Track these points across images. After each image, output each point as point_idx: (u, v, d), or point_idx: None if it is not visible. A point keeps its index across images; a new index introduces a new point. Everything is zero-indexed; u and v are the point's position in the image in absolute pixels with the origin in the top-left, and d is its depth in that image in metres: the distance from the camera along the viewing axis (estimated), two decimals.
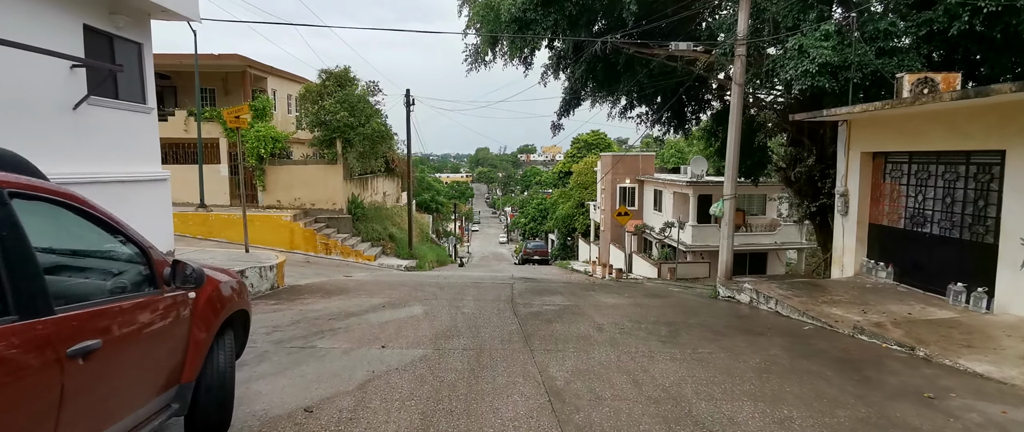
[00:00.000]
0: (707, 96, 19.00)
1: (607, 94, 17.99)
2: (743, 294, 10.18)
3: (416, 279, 13.51)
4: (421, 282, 12.39)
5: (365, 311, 8.14)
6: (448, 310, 8.38)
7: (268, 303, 8.56)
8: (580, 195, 43.93)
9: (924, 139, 8.75)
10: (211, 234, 19.61)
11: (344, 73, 22.19)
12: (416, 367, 5.33)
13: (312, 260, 19.07)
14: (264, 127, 21.33)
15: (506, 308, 8.74)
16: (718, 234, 25.24)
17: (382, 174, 27.99)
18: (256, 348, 5.81)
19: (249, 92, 23.03)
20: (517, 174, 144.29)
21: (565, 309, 8.82)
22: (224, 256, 10.85)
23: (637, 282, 18.73)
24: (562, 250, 46.63)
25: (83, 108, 8.10)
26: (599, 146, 55.70)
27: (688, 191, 25.11)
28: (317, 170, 21.74)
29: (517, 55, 14.64)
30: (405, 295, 9.84)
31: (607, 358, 5.80)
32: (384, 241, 22.73)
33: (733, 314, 8.90)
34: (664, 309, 9.18)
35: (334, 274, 14.74)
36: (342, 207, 21.79)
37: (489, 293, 10.53)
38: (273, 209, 21.40)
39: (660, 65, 15.01)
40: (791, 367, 5.61)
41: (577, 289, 12.34)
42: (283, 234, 19.88)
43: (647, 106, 18.82)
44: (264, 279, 9.58)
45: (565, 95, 17.92)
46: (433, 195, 60.93)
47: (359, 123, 21.59)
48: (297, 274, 13.65)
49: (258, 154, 20.99)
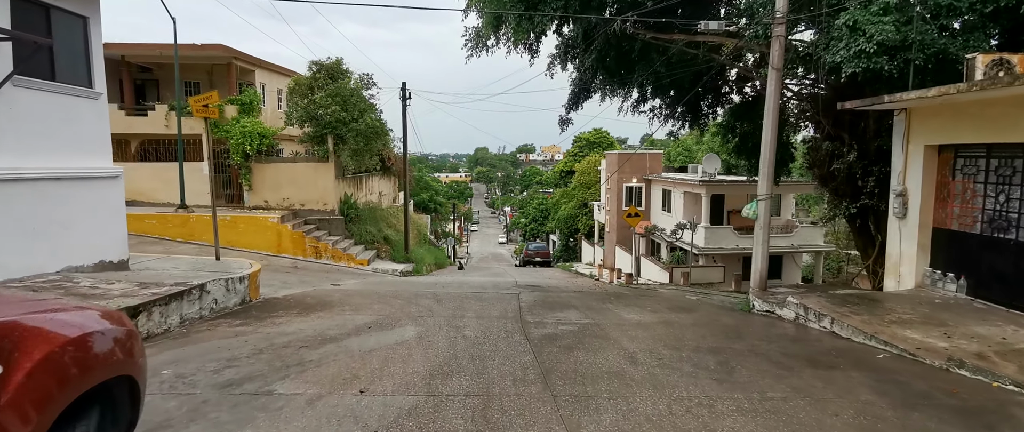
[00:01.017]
0: (725, 89, 17.63)
1: (618, 86, 16.59)
2: (785, 309, 8.82)
3: (411, 288, 12.14)
4: (417, 292, 11.02)
5: (347, 334, 6.76)
6: (446, 332, 7.01)
7: (232, 324, 7.18)
8: (583, 195, 42.56)
9: (1010, 129, 7.39)
10: (192, 236, 18.22)
11: (336, 65, 20.79)
12: (402, 427, 3.96)
13: (300, 265, 17.69)
14: (250, 122, 19.94)
15: (515, 329, 7.37)
16: (734, 237, 24.03)
17: (378, 173, 26.61)
18: (193, 397, 4.43)
19: (235, 85, 21.63)
20: (516, 174, 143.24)
21: (585, 330, 7.45)
22: (189, 264, 9.46)
23: (651, 289, 17.37)
24: (564, 251, 45.27)
25: (7, 90, 6.72)
26: (602, 145, 54.26)
27: (700, 191, 23.74)
28: (307, 168, 20.36)
29: (522, 40, 13.25)
30: (397, 311, 8.47)
31: (655, 410, 4.42)
32: (378, 244, 21.35)
33: (783, 336, 7.53)
34: (699, 329, 7.81)
35: (321, 282, 13.36)
36: (334, 208, 20.41)
37: (493, 307, 9.17)
38: (260, 210, 20.01)
39: (679, 53, 13.61)
40: (902, 424, 4.24)
41: (591, 300, 10.98)
42: (269, 237, 18.49)
43: (660, 99, 17.43)
44: (232, 293, 8.20)
45: (573, 87, 16.55)
46: (431, 195, 59.62)
47: (352, 118, 20.21)
48: (278, 283, 12.27)
49: (243, 151, 19.60)
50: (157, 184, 19.85)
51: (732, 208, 25.62)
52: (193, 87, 23.71)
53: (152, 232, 18.15)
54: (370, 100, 21.29)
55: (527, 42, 14.10)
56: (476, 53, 12.93)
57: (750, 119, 16.68)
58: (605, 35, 13.28)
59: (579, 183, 43.62)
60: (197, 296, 7.17)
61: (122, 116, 20.56)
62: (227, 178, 20.79)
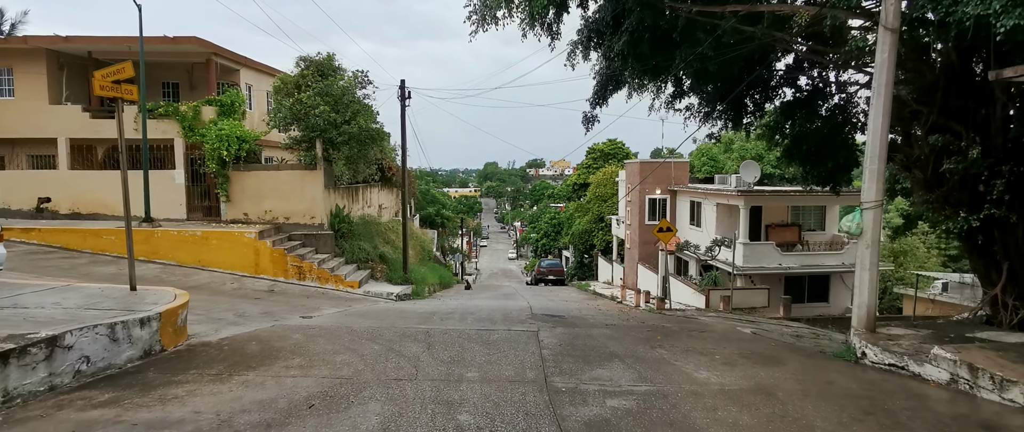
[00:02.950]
0: (772, 82, 14.96)
1: (652, 77, 13.98)
2: (928, 365, 6.09)
3: (401, 322, 9.52)
4: (404, 330, 8.41)
5: (265, 426, 4.16)
6: (429, 418, 4.38)
7: (91, 402, 4.56)
8: (599, 208, 39.88)
9: None
10: (155, 254, 15.78)
11: (327, 61, 18.41)
12: None
13: (278, 288, 15.14)
14: (228, 124, 17.56)
15: (539, 407, 4.72)
16: (776, 254, 20.86)
17: (377, 184, 24.15)
18: None
19: (214, 84, 19.30)
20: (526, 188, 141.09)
21: (648, 408, 4.78)
22: (86, 297, 6.89)
23: (692, 318, 14.63)
24: (579, 269, 42.50)
25: None
26: (617, 156, 51.62)
27: (737, 202, 21.00)
28: (292, 177, 17.89)
29: (539, 14, 10.71)
30: (365, 368, 5.86)
31: None
32: (373, 262, 18.78)
33: (963, 421, 4.82)
34: (820, 406, 5.10)
35: (290, 313, 10.77)
36: (322, 221, 17.91)
37: (505, 358, 6.53)
38: (239, 223, 17.56)
39: (733, 31, 10.99)
40: None
41: (633, 341, 8.30)
42: (245, 255, 16.00)
43: (700, 94, 14.77)
44: (124, 343, 5.61)
45: (599, 78, 13.98)
46: (438, 208, 57.19)
47: (344, 120, 17.79)
48: (232, 315, 9.69)
49: (220, 157, 17.18)
50: (119, 195, 17.42)
51: (771, 222, 22.85)
52: (172, 88, 21.45)
53: (110, 250, 15.72)
54: (365, 101, 18.86)
55: (544, 20, 11.58)
56: (482, 26, 10.40)
57: (806, 117, 13.99)
58: (640, 8, 10.74)
59: (594, 196, 40.97)
60: (42, 357, 4.59)
61: (86, 119, 18.30)
62: (205, 188, 18.40)
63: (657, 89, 14.49)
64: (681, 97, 14.90)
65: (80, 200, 17.88)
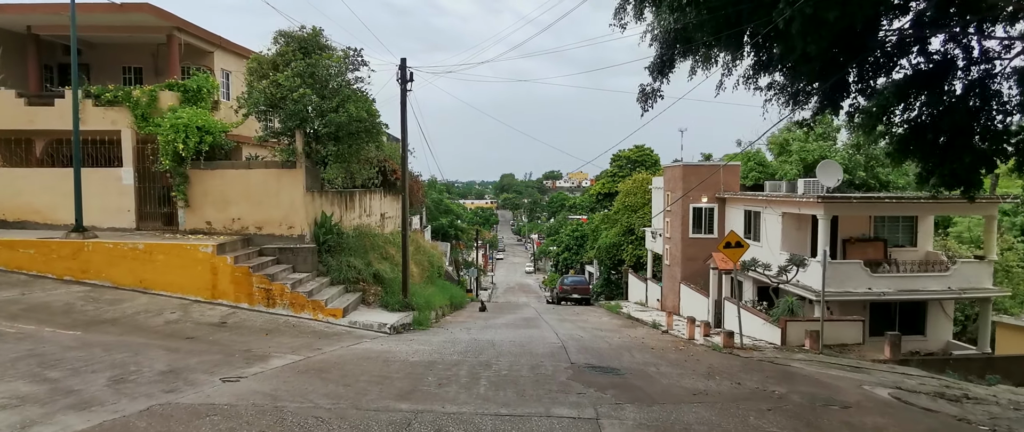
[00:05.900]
0: (881, 56, 11.13)
1: (724, 46, 10.30)
2: None
3: (373, 392, 5.85)
4: (379, 405, 4.74)
5: None
6: None
7: None
8: (628, 220, 36.00)
9: None
10: (86, 273, 12.34)
11: (313, 36, 14.95)
12: None
13: (235, 319, 11.57)
14: (187, 112, 14.14)
15: None
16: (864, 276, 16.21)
17: (377, 189, 20.63)
18: None
19: (177, 66, 15.95)
20: (543, 200, 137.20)
21: None
22: None
23: (785, 365, 10.76)
24: (606, 286, 38.51)
25: None
26: (645, 163, 47.73)
27: (816, 210, 17.04)
28: (266, 177, 14.38)
29: None
30: None
31: None
32: (365, 283, 15.14)
33: None
34: None
35: (215, 370, 7.11)
36: (303, 232, 14.35)
37: None
38: (200, 234, 14.07)
39: None
40: None
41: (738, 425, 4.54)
42: (199, 275, 12.48)
43: (783, 72, 10.99)
44: None
45: (660, 43, 10.36)
46: (452, 220, 53.59)
47: (331, 108, 14.32)
48: (106, 380, 6.05)
49: (175, 152, 13.75)
50: (57, 198, 14.09)
51: (849, 236, 18.86)
52: (133, 73, 18.17)
53: (28, 267, 12.32)
54: (356, 84, 15.33)
55: None
56: None
57: (929, 100, 10.09)
58: None
59: (623, 206, 37.08)
60: None
61: (21, 106, 14.98)
62: (162, 192, 14.99)
63: (730, 63, 10.72)
64: (765, 69, 11.02)
65: (7, 205, 14.55)
